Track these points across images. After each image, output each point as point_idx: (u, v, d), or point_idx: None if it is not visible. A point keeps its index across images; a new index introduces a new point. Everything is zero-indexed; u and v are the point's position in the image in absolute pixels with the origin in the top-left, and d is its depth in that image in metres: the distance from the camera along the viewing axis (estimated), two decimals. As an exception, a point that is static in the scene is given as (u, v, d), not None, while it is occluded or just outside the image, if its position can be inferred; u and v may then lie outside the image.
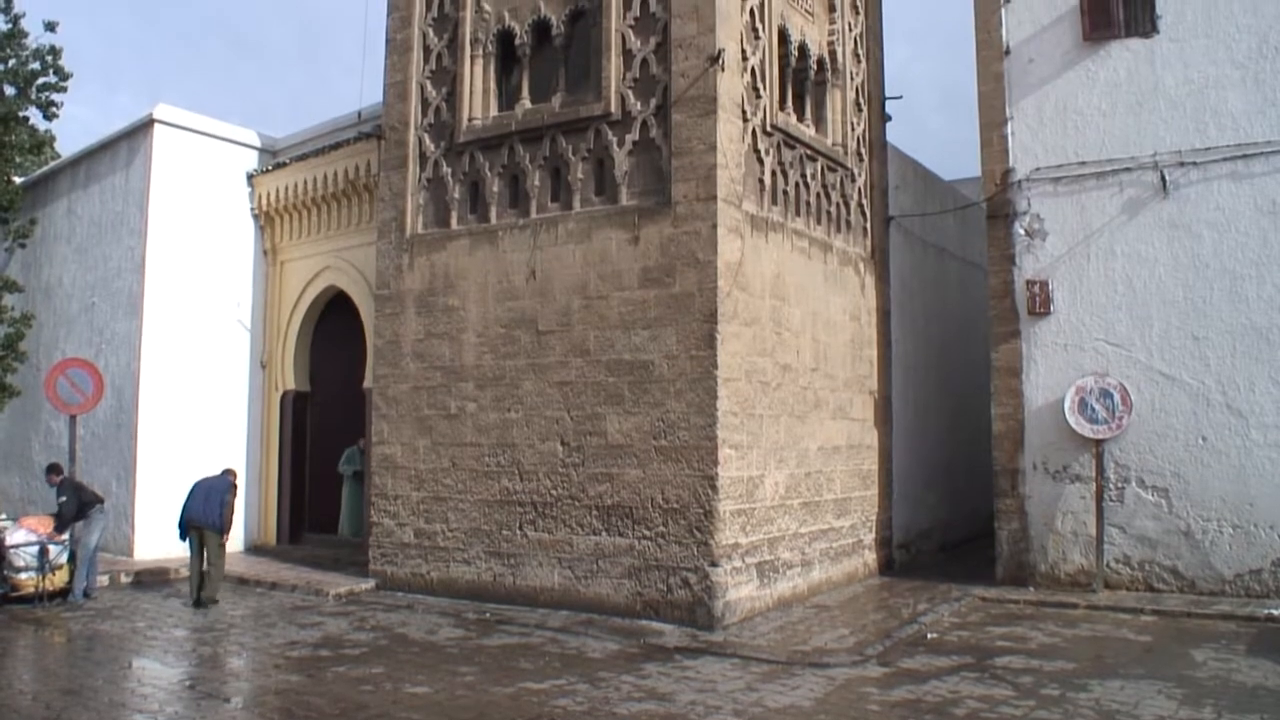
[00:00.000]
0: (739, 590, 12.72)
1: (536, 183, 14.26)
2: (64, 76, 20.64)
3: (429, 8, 15.56)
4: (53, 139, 24.42)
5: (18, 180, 22.05)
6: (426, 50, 15.52)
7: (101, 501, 15.13)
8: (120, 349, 18.86)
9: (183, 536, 14.56)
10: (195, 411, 18.65)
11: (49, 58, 20.41)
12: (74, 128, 51.20)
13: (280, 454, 19.41)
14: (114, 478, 18.15)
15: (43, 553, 14.32)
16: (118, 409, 18.54)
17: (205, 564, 14.38)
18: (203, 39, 74.60)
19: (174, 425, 18.34)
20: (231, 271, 19.46)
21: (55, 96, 20.87)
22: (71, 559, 14.70)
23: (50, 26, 20.26)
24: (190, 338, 18.74)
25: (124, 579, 16.28)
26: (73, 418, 16.34)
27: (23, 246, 21.67)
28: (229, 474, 15.01)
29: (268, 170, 19.47)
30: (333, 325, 19.27)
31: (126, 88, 72.21)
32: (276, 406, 19.51)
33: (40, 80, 20.51)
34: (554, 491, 13.65)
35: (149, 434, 18.13)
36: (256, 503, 19.33)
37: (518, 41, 14.66)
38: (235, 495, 14.81)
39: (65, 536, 14.63)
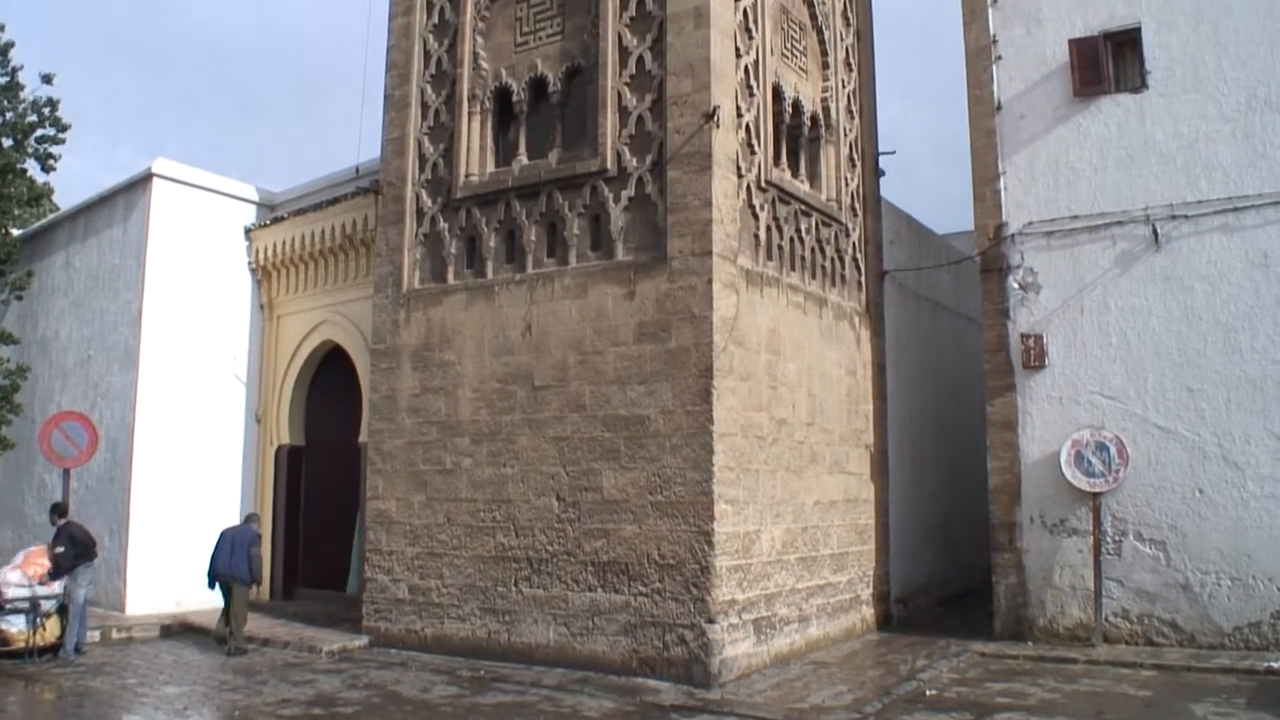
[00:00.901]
0: (736, 647, 12.62)
1: (533, 238, 14.34)
2: (61, 128, 20.67)
3: (427, 65, 15.74)
4: (50, 191, 24.47)
5: (15, 233, 22.11)
6: (424, 107, 15.68)
7: (93, 557, 15.01)
8: (115, 402, 18.82)
9: (211, 586, 15.04)
10: (189, 465, 18.57)
11: (46, 110, 20.46)
12: (74, 180, 51.23)
13: (274, 509, 19.31)
14: (106, 532, 18.01)
15: (34, 607, 14.20)
16: (111, 463, 18.47)
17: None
18: (203, 94, 75.30)
19: (168, 479, 18.25)
20: (228, 325, 19.49)
21: (53, 149, 20.89)
22: (63, 612, 14.57)
23: (47, 79, 20.30)
24: (186, 391, 18.71)
25: (115, 634, 16.15)
26: (66, 471, 16.27)
27: (19, 299, 21.68)
28: (253, 522, 15.31)
29: (266, 225, 19.58)
30: (329, 380, 19.28)
31: (127, 142, 72.72)
32: (271, 461, 19.46)
33: (38, 132, 20.56)
34: (549, 547, 13.59)
35: (142, 488, 18.03)
36: (250, 557, 19.20)
37: (515, 98, 14.81)
38: (261, 545, 14.99)
39: (57, 588, 14.48)
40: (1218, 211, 14.60)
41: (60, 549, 14.47)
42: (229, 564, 14.75)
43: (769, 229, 14.28)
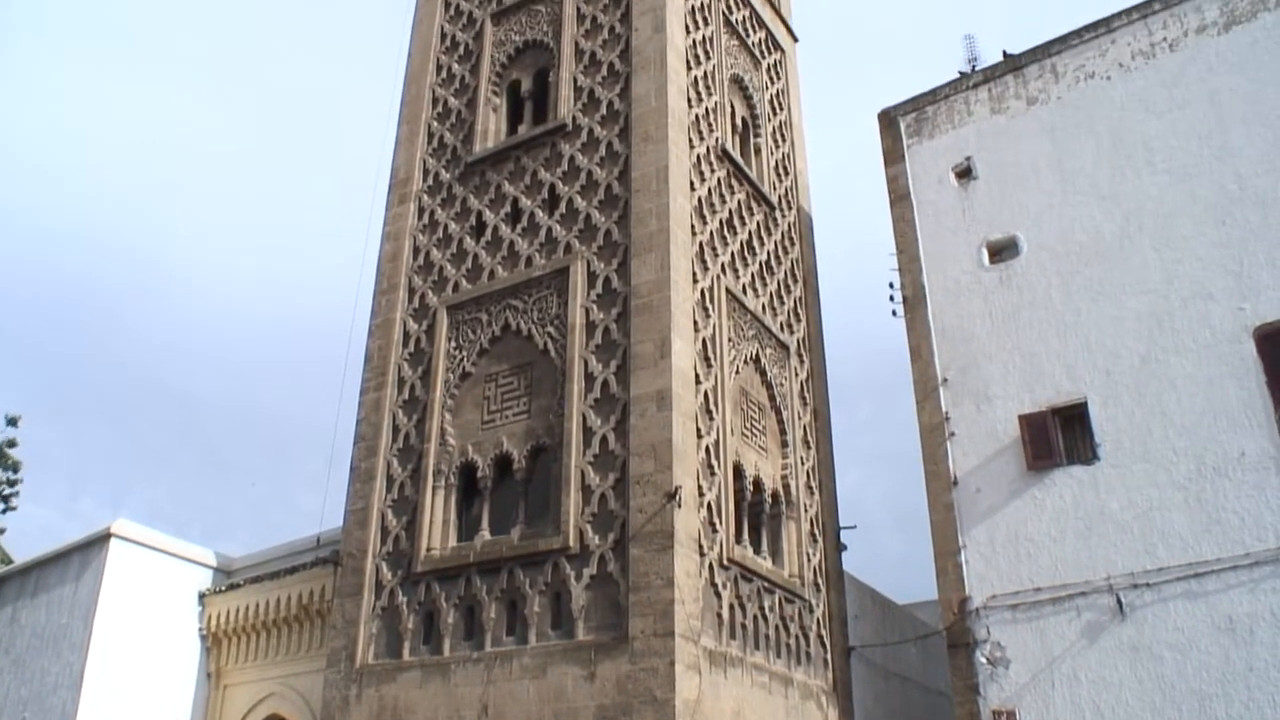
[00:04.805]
0: None
1: (493, 615, 14.11)
2: (15, 468, 20.74)
3: (395, 439, 16.07)
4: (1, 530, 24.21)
5: (-37, 586, 21.59)
6: (390, 479, 15.86)
7: None
8: (45, 772, 17.75)
9: None
10: None
11: (6, 448, 20.60)
12: (34, 529, 50.79)
13: None
14: None
15: None
16: (31, 842, 17.19)
17: None
18: (171, 447, 75.49)
19: None
20: (172, 693, 18.64)
21: (8, 489, 20.89)
22: None
23: (13, 421, 20.58)
24: (120, 764, 17.69)
25: None
26: None
27: (-44, 656, 20.87)
28: None
29: (220, 590, 19.24)
30: (271, 757, 18.32)
31: (91, 491, 71.65)
32: (203, 845, 18.17)
33: None
34: None
35: None
36: None
37: (480, 474, 15.06)
38: None
39: None
40: (1179, 578, 14.61)
41: None
42: None
43: (732, 607, 14.14)
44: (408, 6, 20.73)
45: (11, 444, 20.87)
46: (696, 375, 14.51)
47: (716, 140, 17.19)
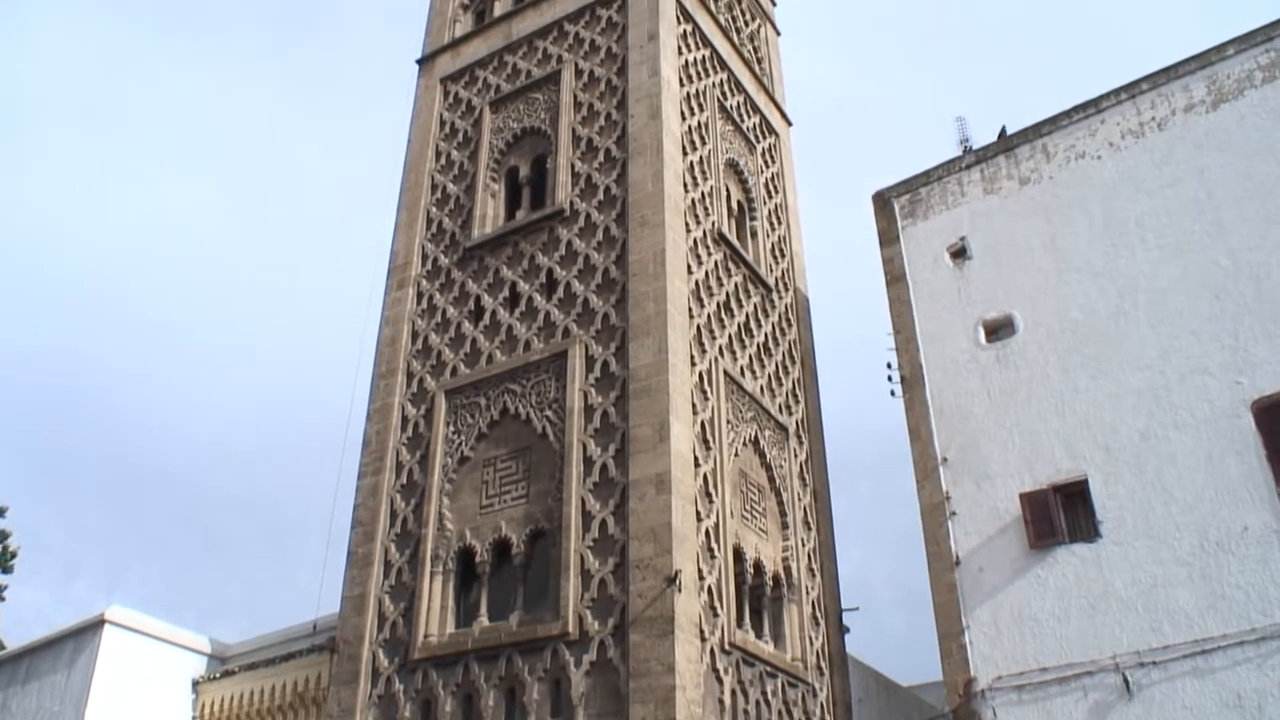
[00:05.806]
0: None
1: (491, 703, 13.92)
2: (11, 555, 20.69)
3: (393, 524, 15.99)
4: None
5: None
6: (387, 565, 15.75)
7: None
8: None
9: None
10: None
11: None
12: (27, 613, 50.27)
13: None
14: None
15: None
16: None
17: None
18: (168, 529, 74.66)
19: None
20: (164, 784, 18.36)
21: (2, 577, 20.82)
22: None
23: (1, 512, 20.61)
24: None
25: None
26: None
27: (-55, 743, 20.55)
28: None
29: (215, 678, 18.98)
30: None
31: (86, 574, 70.44)
32: None
33: None
34: None
35: None
36: None
37: (478, 559, 14.96)
38: None
39: None
40: (1186, 656, 14.42)
41: None
42: None
43: (734, 693, 13.95)
44: (408, 94, 21.10)
45: (4, 535, 20.82)
46: (696, 458, 14.49)
47: (713, 224, 17.37)
